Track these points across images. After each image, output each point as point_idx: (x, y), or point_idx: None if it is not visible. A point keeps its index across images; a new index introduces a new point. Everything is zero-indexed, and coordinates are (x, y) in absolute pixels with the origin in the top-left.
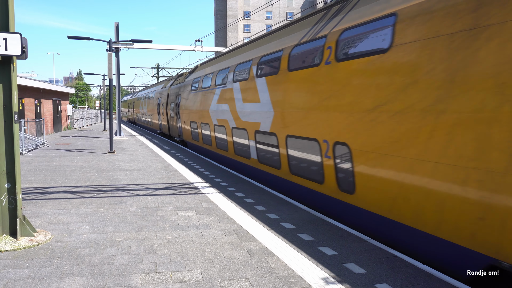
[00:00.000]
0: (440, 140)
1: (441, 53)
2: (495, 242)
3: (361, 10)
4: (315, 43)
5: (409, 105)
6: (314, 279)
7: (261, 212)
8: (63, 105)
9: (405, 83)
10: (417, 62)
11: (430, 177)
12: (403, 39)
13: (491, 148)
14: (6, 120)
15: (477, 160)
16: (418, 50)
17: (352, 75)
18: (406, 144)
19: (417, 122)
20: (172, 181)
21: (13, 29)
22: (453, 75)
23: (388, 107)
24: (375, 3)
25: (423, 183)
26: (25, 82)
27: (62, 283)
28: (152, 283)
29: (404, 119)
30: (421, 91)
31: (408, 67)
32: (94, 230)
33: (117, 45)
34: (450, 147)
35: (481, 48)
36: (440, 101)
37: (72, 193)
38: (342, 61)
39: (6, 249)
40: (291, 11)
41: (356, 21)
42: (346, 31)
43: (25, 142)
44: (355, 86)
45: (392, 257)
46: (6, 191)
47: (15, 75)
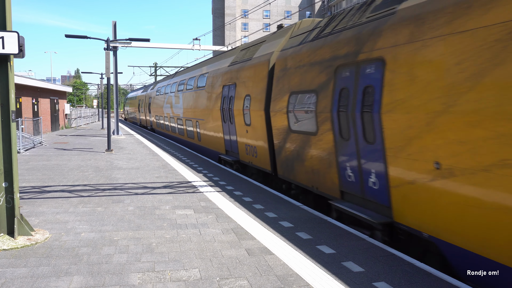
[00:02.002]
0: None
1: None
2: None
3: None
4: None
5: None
6: (312, 277)
7: (259, 210)
8: (61, 104)
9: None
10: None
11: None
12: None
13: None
14: (3, 119)
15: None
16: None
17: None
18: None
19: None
20: (170, 180)
21: (10, 27)
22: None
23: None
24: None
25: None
26: (23, 81)
27: (60, 282)
28: (150, 282)
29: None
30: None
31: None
32: (92, 229)
33: (114, 44)
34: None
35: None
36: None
37: (70, 192)
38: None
39: (4, 248)
40: (289, 9)
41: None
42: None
43: (23, 141)
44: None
45: (390, 255)
46: (3, 190)
47: (12, 73)
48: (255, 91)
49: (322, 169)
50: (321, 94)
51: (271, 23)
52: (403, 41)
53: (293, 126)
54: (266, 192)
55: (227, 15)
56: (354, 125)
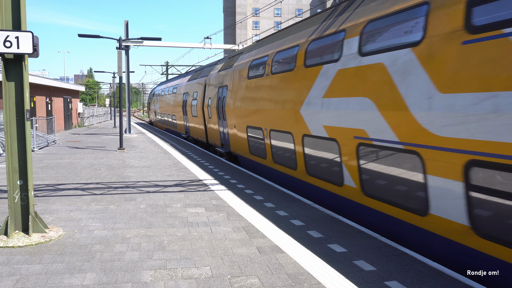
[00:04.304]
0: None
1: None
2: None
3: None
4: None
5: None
6: (323, 276)
7: (270, 209)
8: (74, 102)
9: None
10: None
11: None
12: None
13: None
14: (18, 118)
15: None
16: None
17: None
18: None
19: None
20: (182, 178)
21: (25, 27)
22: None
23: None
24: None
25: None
26: (37, 80)
27: (73, 279)
28: (162, 279)
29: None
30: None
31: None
32: (105, 226)
33: (126, 43)
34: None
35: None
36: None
37: (83, 190)
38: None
39: (19, 245)
40: (300, 7)
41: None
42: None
43: (37, 139)
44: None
45: (402, 254)
46: (18, 188)
47: (27, 73)
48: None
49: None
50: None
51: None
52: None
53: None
54: (277, 191)
55: (238, 13)
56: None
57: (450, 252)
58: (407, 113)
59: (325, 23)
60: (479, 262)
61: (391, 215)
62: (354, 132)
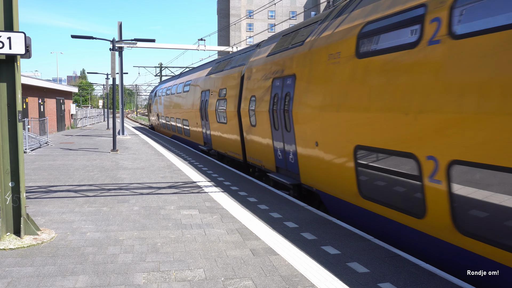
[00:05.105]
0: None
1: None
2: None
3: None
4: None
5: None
6: (317, 278)
7: (264, 211)
8: (67, 104)
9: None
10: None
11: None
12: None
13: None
14: (10, 119)
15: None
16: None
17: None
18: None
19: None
20: (175, 180)
21: (17, 28)
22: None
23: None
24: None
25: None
26: (29, 81)
27: (65, 282)
28: (155, 281)
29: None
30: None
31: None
32: (98, 228)
33: (120, 44)
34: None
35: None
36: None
37: (75, 192)
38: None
39: (10, 247)
40: (294, 10)
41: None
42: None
43: (29, 141)
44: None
45: (395, 256)
46: (10, 190)
47: (19, 74)
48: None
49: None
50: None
51: (276, 23)
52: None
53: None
54: (271, 193)
55: (232, 15)
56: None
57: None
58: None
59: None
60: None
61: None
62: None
